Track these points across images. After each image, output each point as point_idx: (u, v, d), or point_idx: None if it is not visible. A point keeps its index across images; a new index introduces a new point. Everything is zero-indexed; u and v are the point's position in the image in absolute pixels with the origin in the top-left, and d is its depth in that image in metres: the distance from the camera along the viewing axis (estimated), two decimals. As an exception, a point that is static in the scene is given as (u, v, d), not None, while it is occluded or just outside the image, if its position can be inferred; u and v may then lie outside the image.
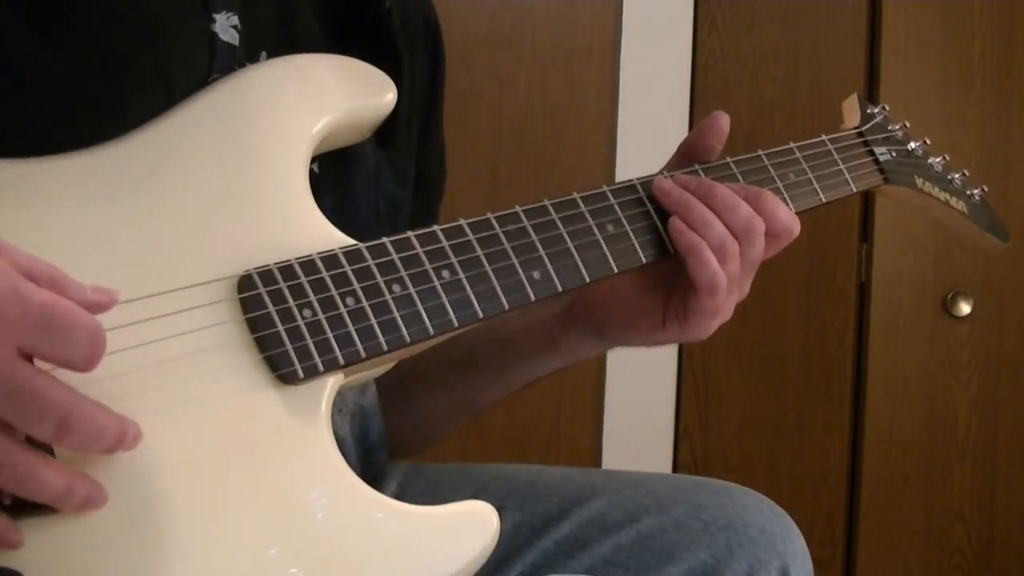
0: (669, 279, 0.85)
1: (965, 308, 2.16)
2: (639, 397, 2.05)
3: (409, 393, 0.96)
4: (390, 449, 0.96)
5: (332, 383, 0.68)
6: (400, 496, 0.87)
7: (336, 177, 0.82)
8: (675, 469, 2.09)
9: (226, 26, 0.74)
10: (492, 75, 1.99)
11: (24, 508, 0.56)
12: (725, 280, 0.81)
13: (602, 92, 2.04)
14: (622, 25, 2.04)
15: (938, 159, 1.06)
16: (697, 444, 2.11)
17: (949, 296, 2.16)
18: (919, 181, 1.02)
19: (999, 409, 2.19)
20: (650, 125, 2.01)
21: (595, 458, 2.04)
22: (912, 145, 1.04)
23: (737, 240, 0.82)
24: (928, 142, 1.05)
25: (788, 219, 0.84)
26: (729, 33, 2.11)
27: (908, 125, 1.04)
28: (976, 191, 1.08)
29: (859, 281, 2.16)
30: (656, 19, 2.06)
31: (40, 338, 0.53)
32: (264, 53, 0.77)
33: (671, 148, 0.90)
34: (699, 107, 2.08)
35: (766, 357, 2.13)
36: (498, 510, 0.69)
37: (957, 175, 1.07)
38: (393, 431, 0.95)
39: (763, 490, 0.88)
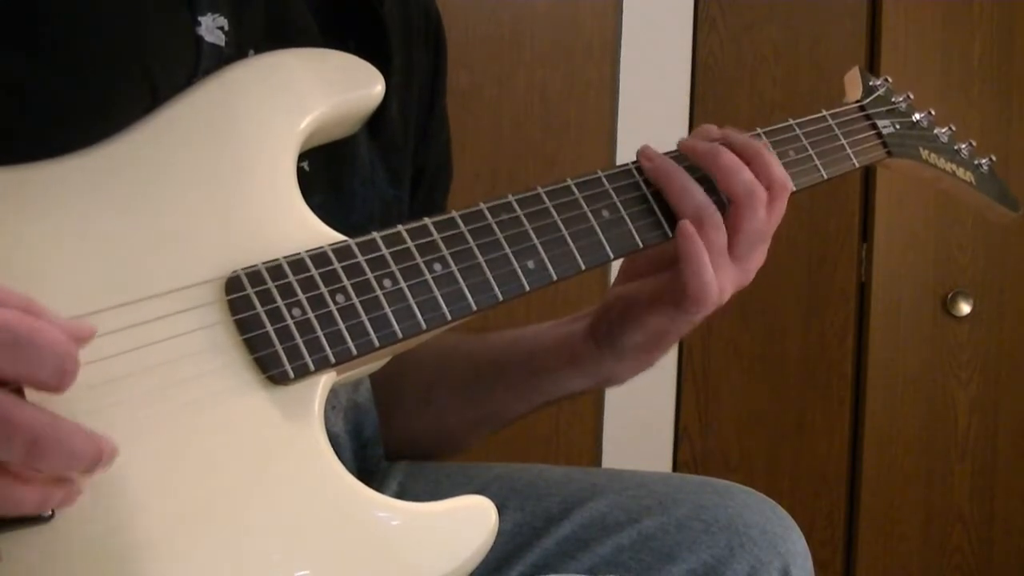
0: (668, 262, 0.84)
1: (965, 308, 2.15)
2: (639, 397, 2.04)
3: (434, 399, 0.96)
4: (409, 452, 0.96)
5: (324, 382, 0.67)
6: (401, 495, 0.87)
7: (328, 175, 0.82)
8: (675, 469, 2.08)
9: (212, 27, 0.74)
10: (492, 75, 1.99)
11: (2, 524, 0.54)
12: (703, 250, 0.80)
13: (602, 92, 2.04)
14: (622, 25, 2.04)
15: (944, 130, 1.03)
16: (697, 444, 2.11)
17: (949, 296, 2.16)
18: (924, 152, 1.00)
19: (999, 409, 2.19)
20: (650, 125, 2.01)
21: (595, 458, 2.03)
22: (917, 116, 1.02)
23: (738, 205, 0.81)
24: (933, 113, 1.03)
25: (782, 175, 0.83)
26: (729, 33, 2.11)
27: (912, 96, 1.02)
28: (984, 161, 1.06)
29: (859, 281, 2.15)
30: (656, 19, 2.05)
31: (4, 356, 0.50)
32: (252, 51, 0.76)
33: (670, 148, 0.90)
34: (699, 107, 2.07)
35: (766, 357, 2.13)
36: (499, 509, 0.68)
37: (964, 145, 1.04)
38: (415, 435, 0.96)
39: (763, 489, 0.88)
